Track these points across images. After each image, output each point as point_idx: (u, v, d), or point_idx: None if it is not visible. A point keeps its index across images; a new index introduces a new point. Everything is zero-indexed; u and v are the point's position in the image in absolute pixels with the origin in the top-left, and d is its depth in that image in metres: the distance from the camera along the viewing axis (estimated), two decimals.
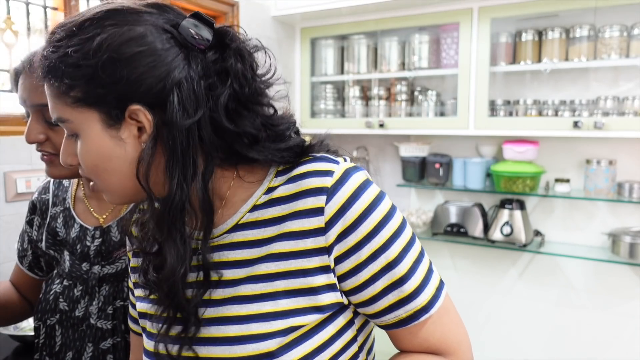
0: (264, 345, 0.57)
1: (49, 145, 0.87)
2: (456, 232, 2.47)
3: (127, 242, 0.78)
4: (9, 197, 1.54)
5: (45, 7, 1.71)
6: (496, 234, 2.37)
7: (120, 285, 0.92)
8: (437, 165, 2.51)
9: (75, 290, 0.93)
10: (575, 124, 2.10)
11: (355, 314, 0.65)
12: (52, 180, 1.05)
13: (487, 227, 2.44)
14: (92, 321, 0.91)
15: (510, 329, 2.56)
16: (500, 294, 2.59)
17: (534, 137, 2.33)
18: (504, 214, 2.36)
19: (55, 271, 0.98)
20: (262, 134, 0.61)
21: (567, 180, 2.32)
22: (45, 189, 1.04)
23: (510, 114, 2.39)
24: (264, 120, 0.62)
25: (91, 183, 0.67)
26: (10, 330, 1.30)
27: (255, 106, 0.61)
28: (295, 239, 0.59)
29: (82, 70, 0.56)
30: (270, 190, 0.63)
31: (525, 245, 2.32)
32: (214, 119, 0.58)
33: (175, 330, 0.61)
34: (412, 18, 2.42)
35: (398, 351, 0.67)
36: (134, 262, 0.75)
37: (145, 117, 0.57)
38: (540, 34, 2.30)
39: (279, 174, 0.63)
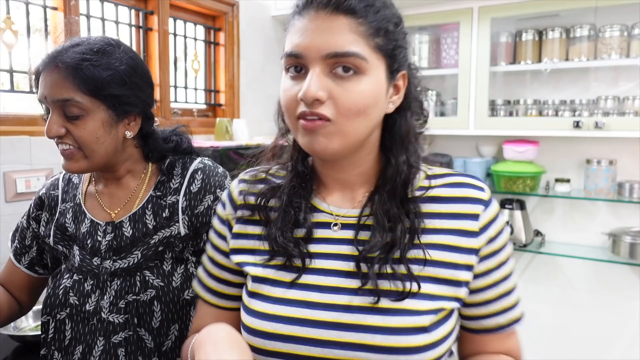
0: (419, 319, 0.64)
1: (69, 139, 0.90)
2: None
3: (233, 210, 0.78)
4: (8, 197, 1.54)
5: (45, 7, 1.71)
6: None
7: (132, 280, 0.92)
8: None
9: (85, 285, 0.94)
10: (577, 124, 2.10)
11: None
12: (61, 177, 1.06)
13: None
14: (103, 315, 0.91)
15: None
16: None
17: (534, 137, 2.33)
18: (504, 214, 2.36)
19: (63, 266, 0.99)
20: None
21: (567, 180, 2.32)
22: (54, 186, 1.05)
23: (511, 114, 2.38)
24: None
25: None
26: (10, 330, 1.30)
27: None
28: (453, 235, 0.68)
29: (392, 28, 0.66)
30: (422, 188, 0.71)
31: (525, 245, 2.32)
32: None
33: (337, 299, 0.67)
34: (412, 18, 2.42)
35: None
36: (250, 229, 0.76)
37: (404, 82, 0.70)
38: (540, 33, 2.29)
39: (429, 177, 0.72)
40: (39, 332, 1.25)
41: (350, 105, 0.63)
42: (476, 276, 0.69)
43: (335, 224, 0.71)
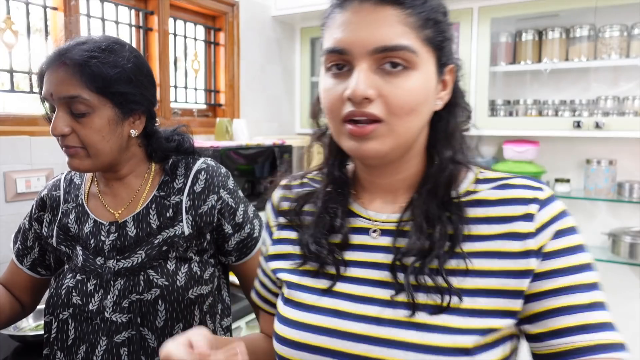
0: (460, 339, 0.56)
1: (73, 138, 0.89)
2: None
3: (275, 217, 0.78)
4: (8, 197, 1.54)
5: (45, 7, 1.71)
6: None
7: (136, 279, 0.92)
8: None
9: (88, 284, 0.93)
10: (577, 124, 2.10)
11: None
12: (62, 177, 1.06)
13: None
14: (106, 315, 0.91)
15: None
16: None
17: (534, 137, 2.33)
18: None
19: (66, 266, 0.98)
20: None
21: (567, 180, 2.32)
22: (55, 186, 1.05)
23: (510, 114, 2.39)
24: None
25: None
26: (10, 330, 1.30)
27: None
28: (503, 240, 0.60)
29: (441, 18, 0.62)
30: (469, 192, 0.64)
31: None
32: None
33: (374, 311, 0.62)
34: None
35: None
36: (285, 234, 0.75)
37: (451, 77, 0.65)
38: (540, 33, 2.30)
39: (479, 181, 0.66)
40: (40, 332, 1.25)
41: (401, 103, 0.58)
42: (536, 277, 0.58)
43: (375, 230, 0.67)
